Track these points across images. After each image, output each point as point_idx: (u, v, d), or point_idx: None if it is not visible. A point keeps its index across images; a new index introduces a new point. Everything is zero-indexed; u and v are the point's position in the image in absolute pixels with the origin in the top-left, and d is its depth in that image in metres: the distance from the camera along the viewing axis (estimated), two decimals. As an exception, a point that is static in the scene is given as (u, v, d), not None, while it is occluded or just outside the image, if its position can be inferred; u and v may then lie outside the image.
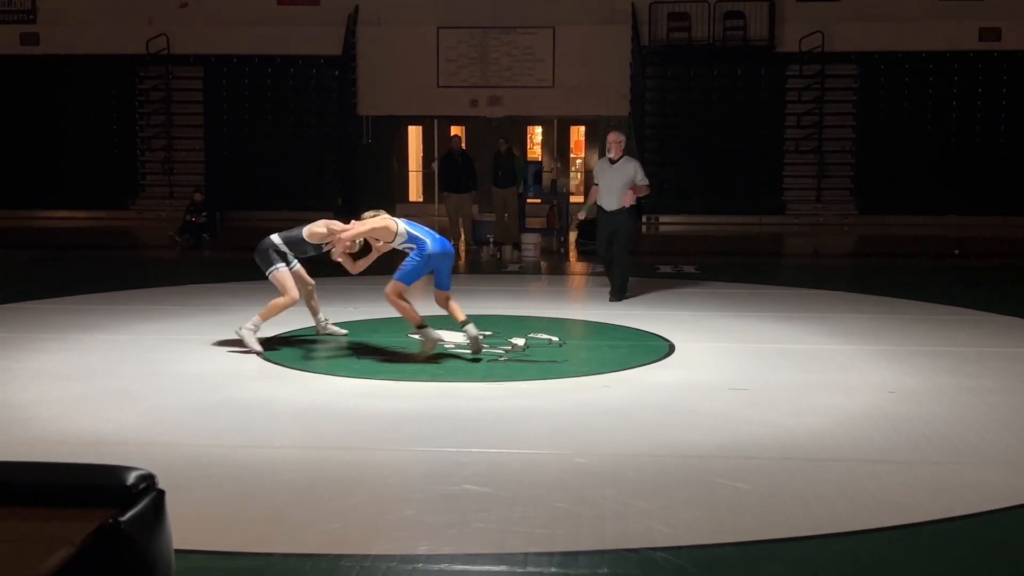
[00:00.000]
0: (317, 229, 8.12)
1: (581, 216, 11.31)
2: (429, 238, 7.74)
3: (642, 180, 10.51)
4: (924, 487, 4.85)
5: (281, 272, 8.02)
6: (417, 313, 7.72)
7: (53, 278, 12.67)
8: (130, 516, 1.87)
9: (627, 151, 10.74)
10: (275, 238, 8.14)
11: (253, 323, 7.95)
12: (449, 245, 7.94)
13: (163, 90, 23.23)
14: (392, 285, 7.65)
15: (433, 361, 7.61)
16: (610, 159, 10.60)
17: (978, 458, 5.30)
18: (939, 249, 16.56)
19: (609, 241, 10.59)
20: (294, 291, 8.01)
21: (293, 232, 8.14)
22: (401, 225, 7.82)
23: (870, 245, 18.78)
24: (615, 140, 10.61)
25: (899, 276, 13.19)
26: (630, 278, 10.86)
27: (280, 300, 7.95)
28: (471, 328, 7.70)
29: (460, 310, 7.79)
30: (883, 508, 4.54)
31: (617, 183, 10.46)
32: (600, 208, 10.66)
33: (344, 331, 8.56)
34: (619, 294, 10.61)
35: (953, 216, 20.99)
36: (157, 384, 6.87)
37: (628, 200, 10.41)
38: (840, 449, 5.39)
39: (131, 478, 1.96)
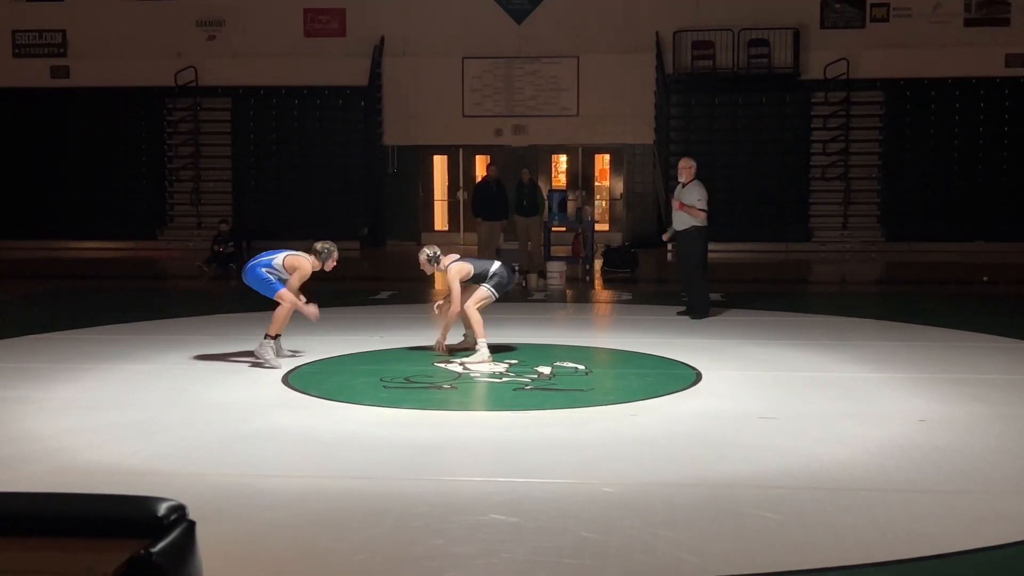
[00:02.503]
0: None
1: (665, 238, 12.37)
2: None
3: (694, 201, 11.16)
4: (956, 517, 4.79)
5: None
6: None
7: (81, 308, 12.77)
8: (161, 547, 1.87)
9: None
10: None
11: None
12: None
13: (191, 121, 23.48)
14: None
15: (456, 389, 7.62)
16: (682, 183, 11.39)
17: (1011, 487, 5.24)
18: (967, 276, 16.43)
19: (681, 260, 11.61)
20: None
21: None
22: None
23: (897, 272, 18.67)
24: (684, 166, 11.47)
25: (927, 303, 13.08)
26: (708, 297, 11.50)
27: None
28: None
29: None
30: (914, 538, 4.49)
31: (675, 203, 11.39)
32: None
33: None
34: (693, 312, 11.19)
35: (981, 242, 20.85)
36: (184, 414, 6.90)
37: (688, 215, 11.18)
38: (870, 479, 5.34)
39: (162, 509, 1.97)
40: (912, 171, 22.01)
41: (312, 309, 8.67)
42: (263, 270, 8.61)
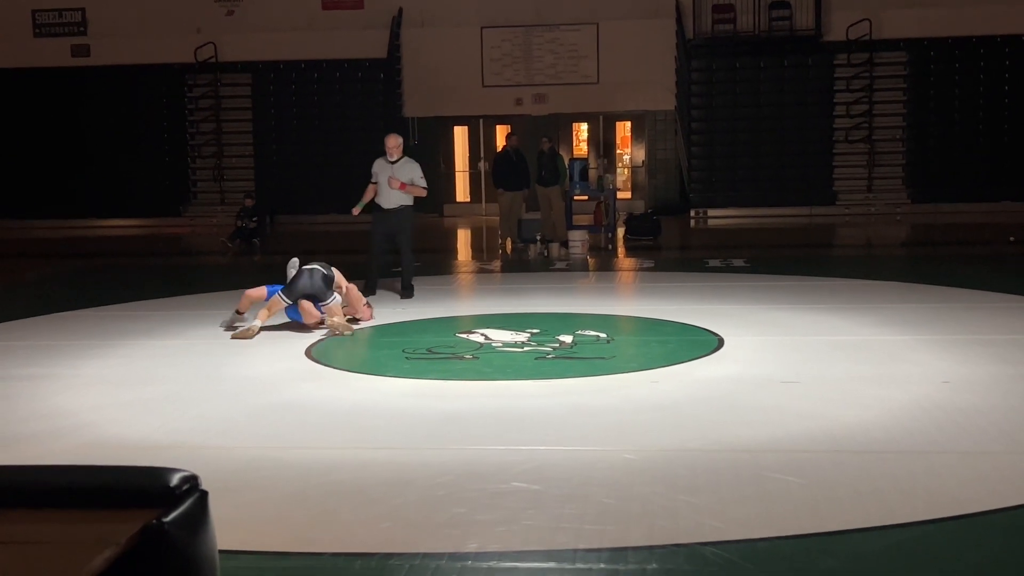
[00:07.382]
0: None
1: (355, 212, 11.22)
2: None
3: (416, 179, 10.77)
4: (979, 478, 4.77)
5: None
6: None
7: (107, 286, 12.86)
8: (174, 517, 1.90)
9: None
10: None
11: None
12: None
13: (212, 97, 23.53)
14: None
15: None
16: (391, 161, 10.76)
17: (1035, 447, 5.21)
18: (993, 236, 16.28)
19: (387, 239, 10.93)
20: None
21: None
22: None
23: (923, 234, 18.53)
24: (393, 144, 10.84)
25: (953, 265, 12.98)
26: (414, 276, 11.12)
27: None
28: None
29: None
30: (936, 499, 4.47)
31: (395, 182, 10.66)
32: (377, 206, 10.84)
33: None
34: (407, 291, 10.76)
35: (1008, 202, 20.63)
36: (210, 388, 6.96)
37: (404, 194, 10.72)
38: (893, 441, 5.32)
39: (174, 480, 1.99)
40: (937, 132, 21.79)
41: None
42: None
